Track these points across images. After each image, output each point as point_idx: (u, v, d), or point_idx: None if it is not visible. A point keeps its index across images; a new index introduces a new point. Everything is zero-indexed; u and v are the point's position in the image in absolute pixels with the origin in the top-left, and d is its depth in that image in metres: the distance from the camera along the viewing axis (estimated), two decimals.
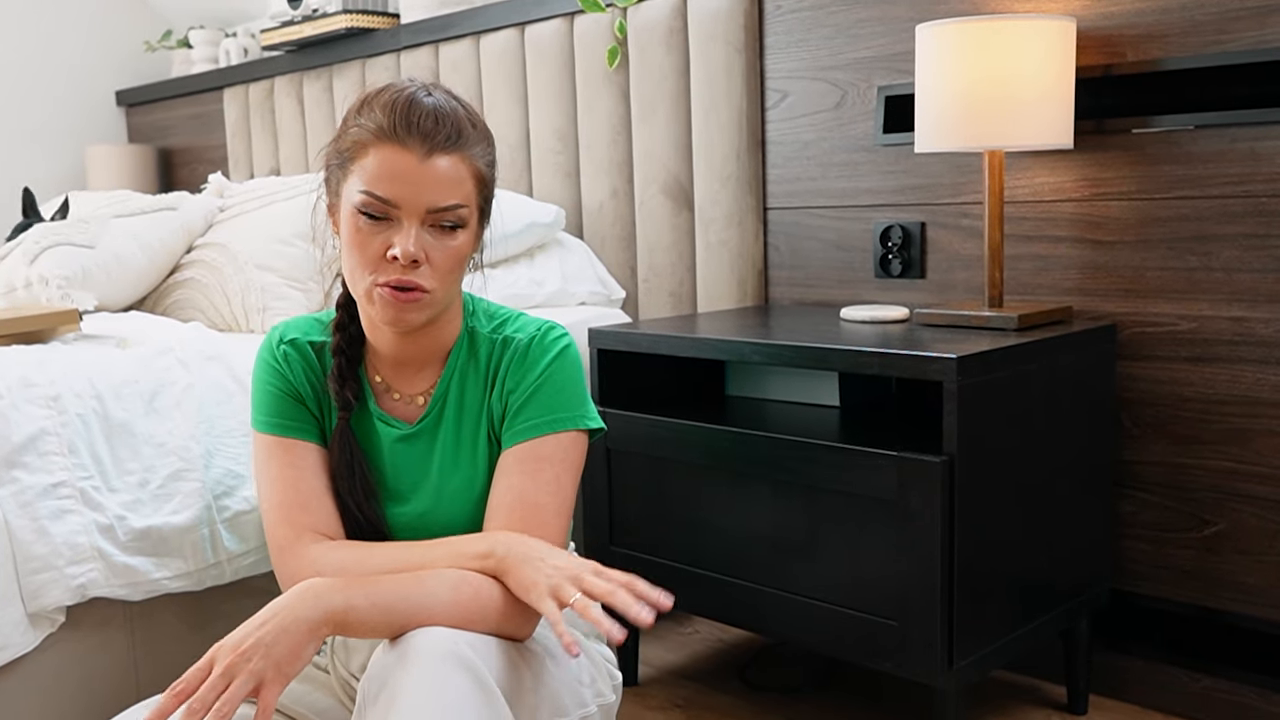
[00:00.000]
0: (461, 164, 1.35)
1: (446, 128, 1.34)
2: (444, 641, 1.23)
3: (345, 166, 1.37)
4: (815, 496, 1.77)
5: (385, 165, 1.32)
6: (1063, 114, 1.87)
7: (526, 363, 1.44)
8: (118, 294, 2.39)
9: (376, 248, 1.34)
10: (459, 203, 1.35)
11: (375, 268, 1.34)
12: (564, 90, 2.84)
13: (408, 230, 1.33)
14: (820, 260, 2.42)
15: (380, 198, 1.32)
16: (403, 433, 1.46)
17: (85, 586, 1.63)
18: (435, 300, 1.38)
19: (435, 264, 1.35)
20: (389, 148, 1.32)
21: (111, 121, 4.59)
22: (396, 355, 1.47)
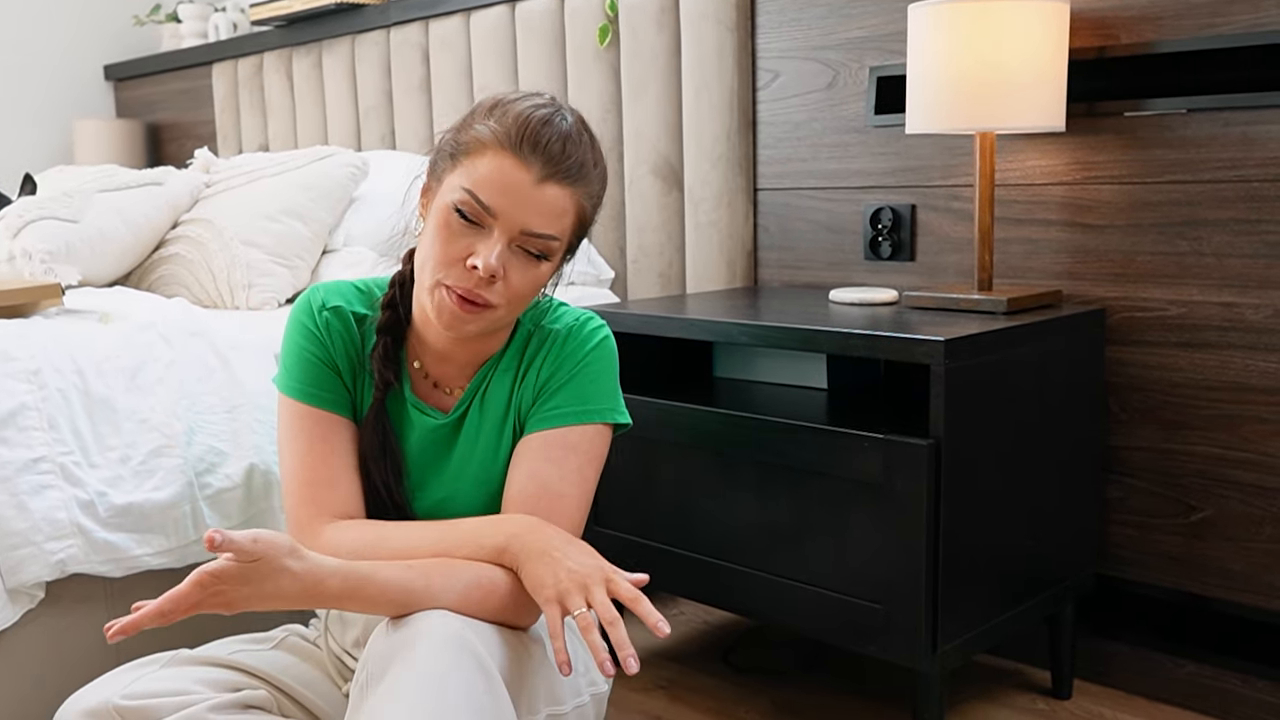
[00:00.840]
0: (570, 198, 1.32)
1: (571, 160, 1.31)
2: (450, 627, 1.22)
3: (457, 158, 1.33)
4: (801, 479, 1.77)
5: (498, 174, 1.29)
6: (1055, 96, 1.86)
7: (564, 352, 1.41)
8: (102, 269, 2.37)
9: (459, 250, 1.30)
10: (554, 235, 1.32)
11: (450, 268, 1.31)
12: (554, 68, 2.82)
13: (495, 243, 1.29)
14: (810, 242, 2.41)
15: (482, 203, 1.29)
16: (437, 423, 1.44)
17: (65, 562, 1.62)
18: (497, 319, 1.35)
19: (510, 285, 1.32)
20: (508, 157, 1.29)
21: (99, 96, 4.56)
22: (443, 351, 1.43)
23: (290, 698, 1.43)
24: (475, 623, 1.26)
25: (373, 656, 1.23)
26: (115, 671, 1.38)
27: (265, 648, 1.48)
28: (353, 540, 1.35)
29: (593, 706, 1.48)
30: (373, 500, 1.43)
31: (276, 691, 1.42)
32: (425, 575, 1.27)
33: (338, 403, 1.43)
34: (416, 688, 1.17)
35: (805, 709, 2.02)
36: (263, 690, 1.39)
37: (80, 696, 1.33)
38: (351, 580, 1.23)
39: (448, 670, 1.19)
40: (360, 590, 1.24)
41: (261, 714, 1.37)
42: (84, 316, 1.93)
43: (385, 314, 1.43)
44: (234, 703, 1.34)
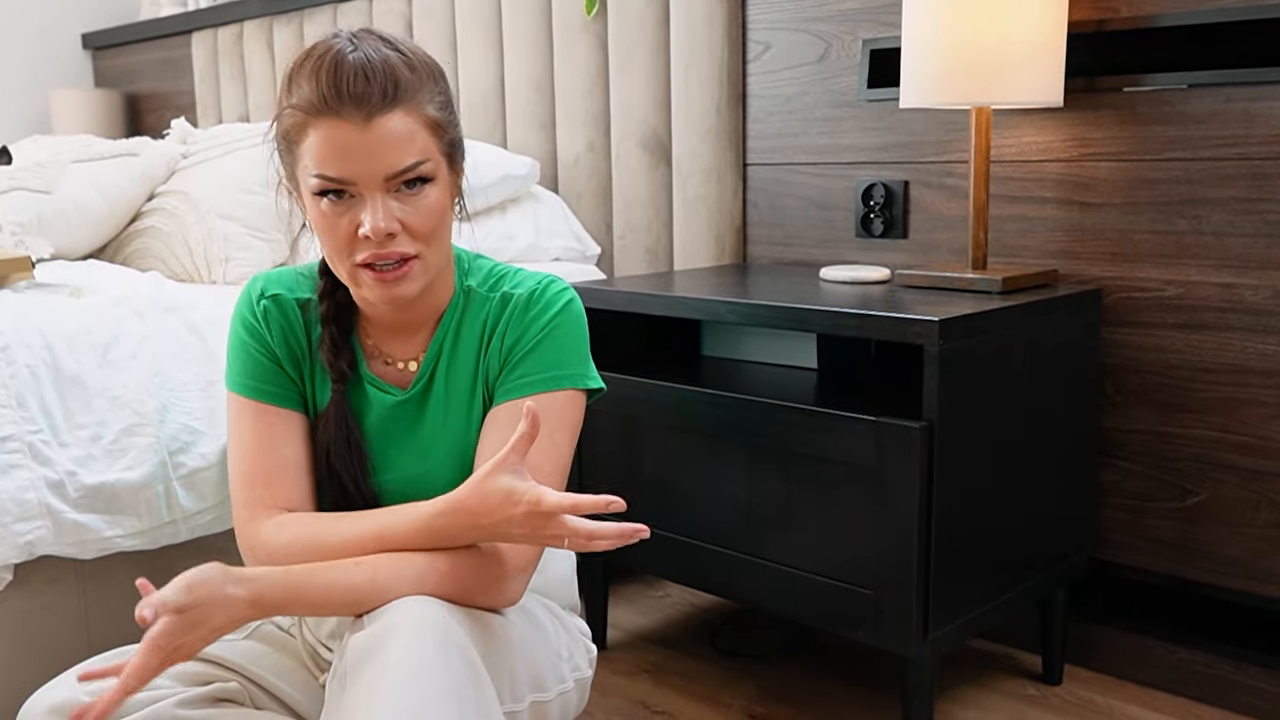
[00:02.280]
0: (408, 118, 1.25)
1: (379, 84, 1.23)
2: (430, 616, 1.18)
3: (292, 151, 1.28)
4: (791, 461, 1.73)
5: (326, 143, 1.22)
6: (1053, 71, 1.81)
7: (528, 317, 1.36)
8: (75, 242, 2.31)
9: (345, 229, 1.25)
10: (417, 159, 1.25)
11: (351, 248, 1.26)
12: (540, 38, 2.77)
13: (372, 203, 1.24)
14: (800, 218, 2.37)
15: (332, 178, 1.23)
16: (397, 399, 1.39)
17: (33, 544, 1.58)
18: (427, 266, 1.29)
19: (413, 228, 1.26)
20: (324, 122, 1.22)
21: (77, 65, 4.48)
22: (390, 322, 1.39)
23: (263, 689, 1.39)
24: (456, 610, 1.23)
25: (351, 647, 1.19)
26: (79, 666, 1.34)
27: (237, 638, 1.44)
28: (290, 539, 1.30)
29: (576, 691, 1.46)
30: (339, 495, 1.38)
31: (248, 683, 1.38)
32: (372, 571, 1.22)
33: (280, 395, 1.39)
34: (397, 679, 1.14)
35: (792, 694, 1.99)
36: (234, 682, 1.35)
37: (44, 693, 1.29)
38: (290, 589, 1.20)
39: (429, 660, 1.15)
40: (301, 595, 1.20)
41: (233, 707, 1.33)
42: (55, 290, 1.88)
43: (325, 304, 1.38)
44: (204, 696, 1.31)
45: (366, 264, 1.26)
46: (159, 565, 1.75)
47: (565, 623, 1.49)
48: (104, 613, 1.70)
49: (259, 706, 1.38)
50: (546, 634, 1.41)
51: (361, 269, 1.27)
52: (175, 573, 1.75)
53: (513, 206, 2.55)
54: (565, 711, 1.44)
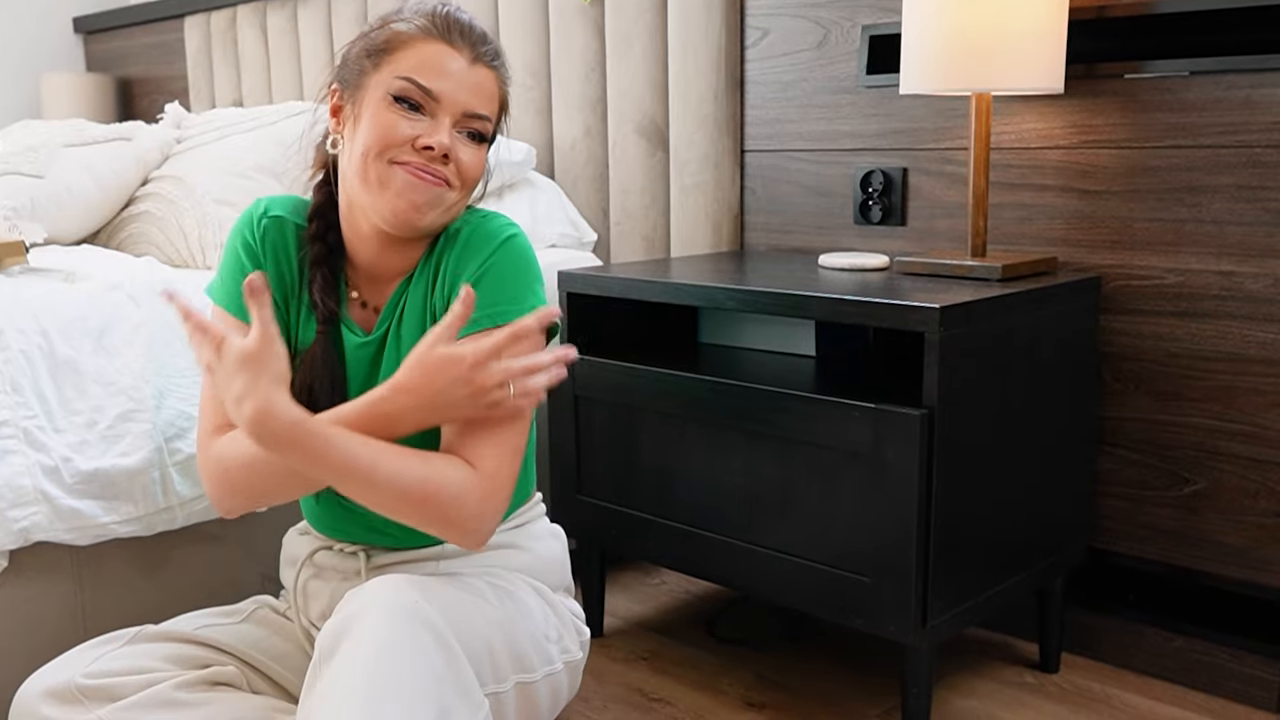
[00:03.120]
0: (494, 81, 1.38)
1: (490, 44, 1.38)
2: (404, 598, 1.18)
3: (378, 59, 1.34)
4: (789, 448, 1.72)
5: (434, 59, 1.32)
6: (1053, 57, 1.81)
7: (468, 250, 1.38)
8: (68, 226, 2.30)
9: (405, 133, 1.32)
10: (489, 115, 1.37)
11: (399, 149, 1.32)
12: (537, 23, 2.75)
13: (442, 124, 1.33)
14: (798, 205, 2.36)
15: (424, 87, 1.32)
16: (360, 340, 1.41)
17: (28, 530, 1.57)
18: (449, 203, 1.36)
19: (462, 168, 1.35)
20: (438, 44, 1.33)
21: (69, 49, 4.45)
22: (373, 265, 1.42)
23: (260, 672, 1.39)
24: (429, 590, 1.23)
25: (328, 631, 1.19)
26: (78, 649, 1.33)
27: (234, 621, 1.44)
28: (244, 449, 1.30)
29: (566, 674, 1.45)
30: None
31: (245, 666, 1.37)
32: (374, 457, 1.23)
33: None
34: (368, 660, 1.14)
35: (790, 682, 1.99)
36: (231, 666, 1.35)
37: (41, 676, 1.29)
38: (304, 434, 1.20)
39: (399, 641, 1.15)
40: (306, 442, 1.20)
41: (230, 690, 1.33)
42: (49, 275, 1.87)
43: (315, 247, 1.42)
44: (200, 680, 1.30)
45: (405, 163, 1.32)
46: (155, 552, 1.74)
47: (555, 604, 1.49)
48: (99, 598, 1.69)
49: (256, 690, 1.38)
50: (532, 615, 1.41)
51: (397, 166, 1.32)
52: (171, 560, 1.75)
53: (509, 192, 2.54)
54: (555, 693, 1.44)
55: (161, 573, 1.75)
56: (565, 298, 2.05)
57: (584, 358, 1.97)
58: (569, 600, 1.54)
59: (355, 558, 1.46)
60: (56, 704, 1.26)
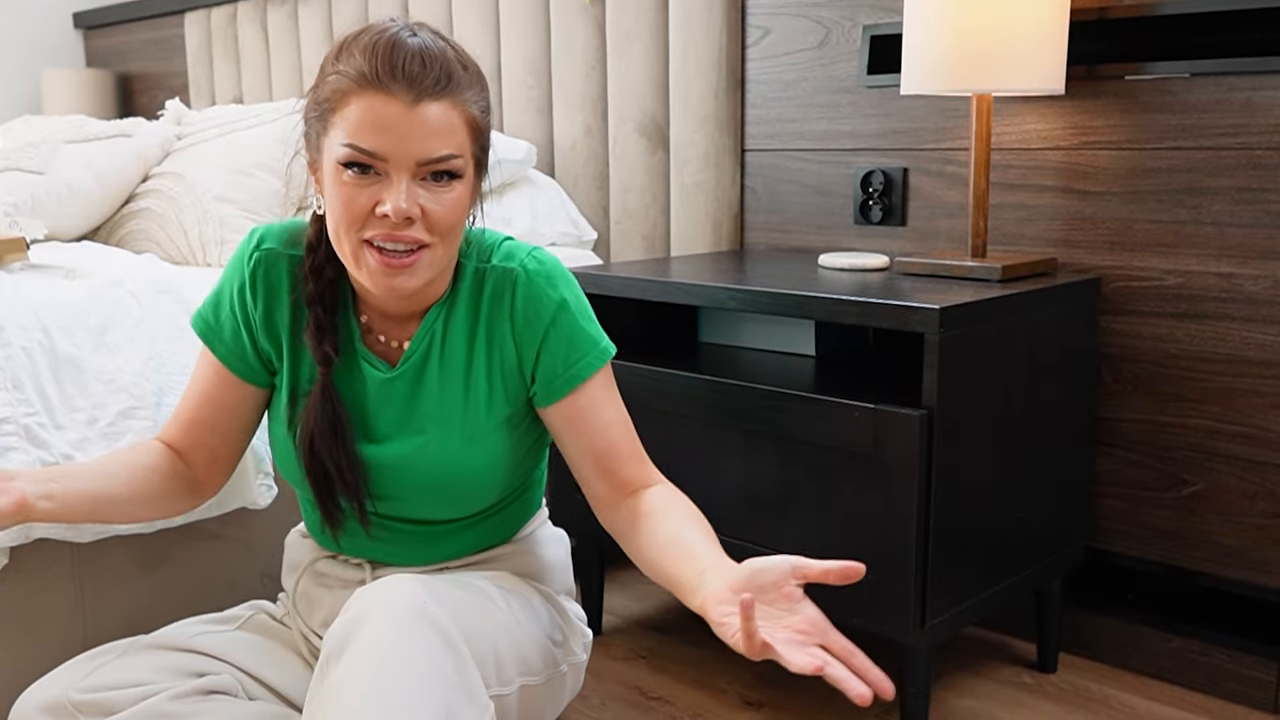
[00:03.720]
0: (453, 110, 1.24)
1: (435, 71, 1.23)
2: (412, 599, 1.18)
3: (325, 119, 1.25)
4: (789, 448, 1.73)
5: (369, 115, 1.21)
6: (1054, 58, 1.81)
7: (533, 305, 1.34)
8: (69, 223, 2.30)
9: (363, 204, 1.23)
10: (452, 153, 1.24)
11: (363, 224, 1.24)
12: (538, 20, 2.75)
13: (398, 185, 1.22)
14: (798, 205, 2.36)
15: (365, 150, 1.21)
16: (385, 376, 1.37)
17: (29, 527, 1.57)
18: (434, 259, 1.27)
19: (433, 220, 1.24)
20: (372, 95, 1.21)
21: (68, 45, 4.45)
22: (384, 304, 1.36)
23: (257, 680, 1.38)
24: (438, 591, 1.22)
25: (334, 633, 1.18)
26: (71, 662, 1.33)
27: (229, 629, 1.43)
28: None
29: (570, 676, 1.45)
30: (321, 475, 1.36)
31: (242, 674, 1.37)
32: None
33: (228, 353, 1.40)
34: (375, 663, 1.13)
35: (787, 680, 1.99)
36: (226, 674, 1.34)
37: (36, 690, 1.28)
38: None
39: (406, 641, 1.15)
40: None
41: (226, 699, 1.32)
42: (50, 272, 1.87)
43: (310, 284, 1.35)
44: (196, 689, 1.30)
45: (373, 244, 1.24)
46: (155, 548, 1.74)
47: (560, 607, 1.49)
48: (100, 595, 1.69)
49: (252, 697, 1.38)
50: (537, 618, 1.41)
51: (367, 248, 1.25)
52: (171, 557, 1.76)
53: (509, 191, 2.54)
54: (558, 696, 1.44)
55: (161, 570, 1.75)
56: None
57: None
58: (571, 603, 1.54)
59: (360, 568, 1.45)
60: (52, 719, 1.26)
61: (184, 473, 1.43)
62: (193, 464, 1.43)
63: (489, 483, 1.39)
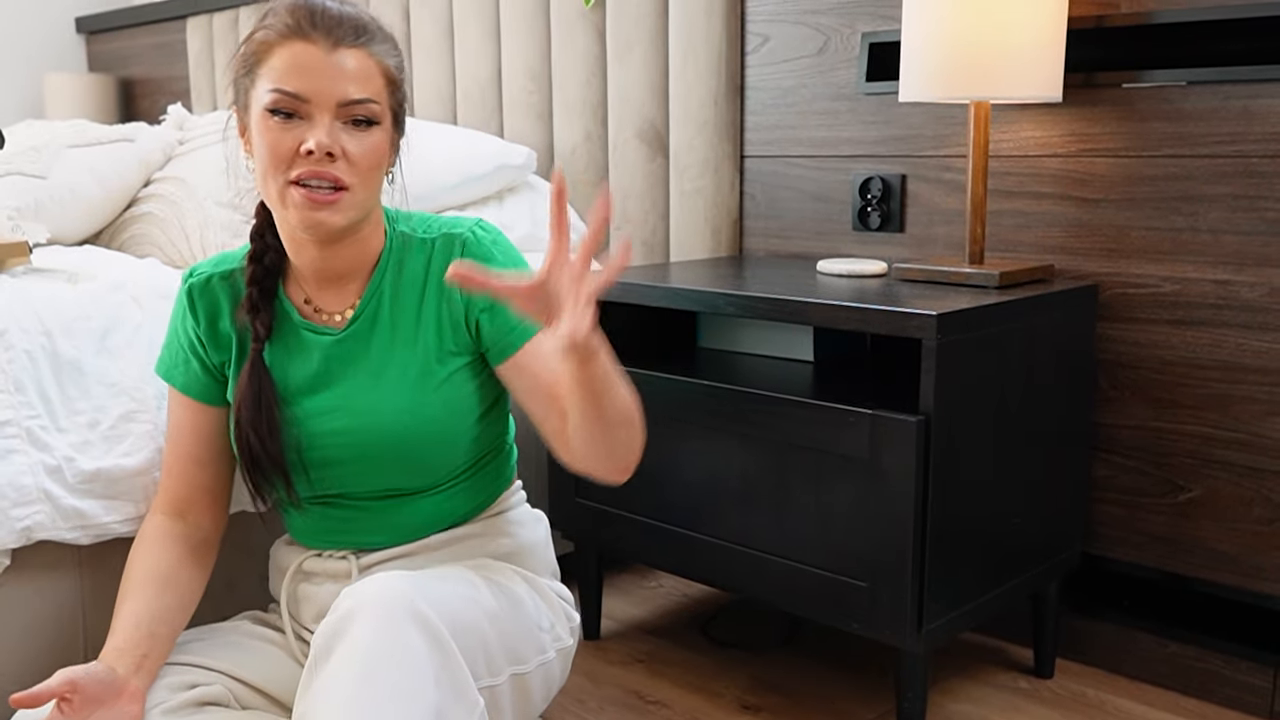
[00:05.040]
0: (369, 59, 1.34)
1: (350, 23, 1.33)
2: (398, 597, 1.19)
3: (253, 73, 1.34)
4: (786, 452, 1.73)
5: (293, 60, 1.31)
6: (1052, 66, 1.82)
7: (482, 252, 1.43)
8: (71, 227, 2.31)
9: (289, 144, 1.31)
10: (370, 97, 1.33)
11: (289, 164, 1.31)
12: (538, 28, 2.76)
13: (320, 123, 1.31)
14: (797, 211, 2.37)
15: (289, 93, 1.30)
16: (334, 337, 1.44)
17: (31, 529, 1.58)
18: (355, 201, 1.34)
19: (352, 159, 1.33)
20: (295, 43, 1.31)
21: (71, 49, 4.47)
22: (321, 271, 1.43)
23: (250, 686, 1.39)
24: (424, 586, 1.23)
25: (322, 632, 1.20)
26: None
27: (219, 638, 1.44)
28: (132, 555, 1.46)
29: (558, 662, 1.46)
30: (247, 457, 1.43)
31: (234, 682, 1.37)
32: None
33: (190, 385, 1.48)
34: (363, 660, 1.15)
35: (785, 685, 2.00)
36: (218, 685, 1.35)
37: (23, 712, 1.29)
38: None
39: (393, 641, 1.16)
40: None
41: (218, 709, 1.33)
42: (52, 276, 1.87)
43: (251, 267, 1.44)
44: (187, 702, 1.30)
45: (299, 182, 1.31)
46: None
47: (543, 591, 1.50)
48: (101, 597, 1.70)
49: (245, 705, 1.38)
50: (523, 605, 1.42)
51: (292, 187, 1.32)
52: None
53: (509, 196, 2.55)
54: (548, 682, 1.45)
55: None
56: None
57: None
58: (555, 584, 1.55)
59: (345, 561, 1.47)
60: None
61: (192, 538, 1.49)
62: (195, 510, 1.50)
63: (447, 438, 1.43)
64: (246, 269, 1.44)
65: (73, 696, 1.20)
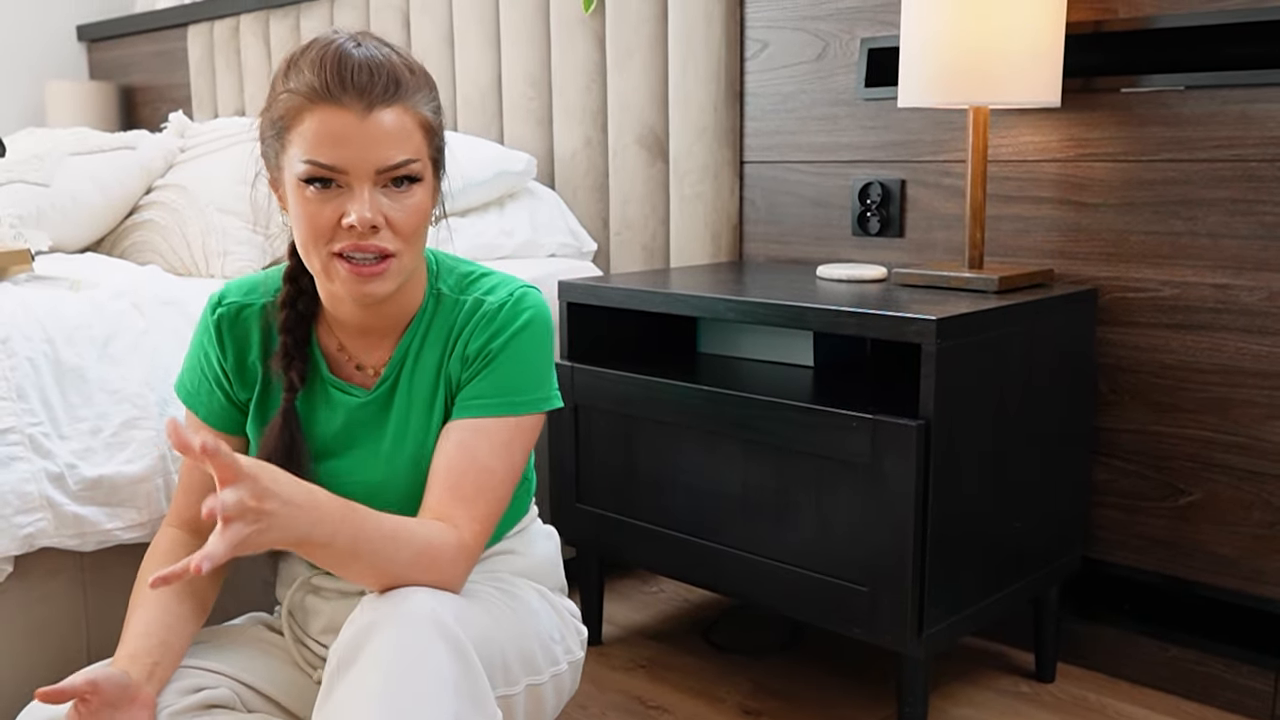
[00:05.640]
0: (405, 115, 1.26)
1: (383, 79, 1.25)
2: (420, 608, 1.19)
3: (282, 137, 1.28)
4: (787, 457, 1.74)
5: (324, 129, 1.23)
6: (1051, 71, 1.82)
7: (493, 327, 1.37)
8: (73, 234, 2.32)
9: (328, 217, 1.25)
10: (410, 158, 1.27)
11: (330, 237, 1.26)
12: (538, 34, 2.77)
13: (360, 195, 1.24)
14: (797, 216, 2.38)
15: (324, 165, 1.23)
16: (360, 400, 1.40)
17: (33, 536, 1.58)
18: (402, 266, 1.30)
19: (396, 226, 1.27)
20: (325, 109, 1.23)
21: (72, 57, 4.47)
22: (360, 326, 1.40)
23: (255, 691, 1.39)
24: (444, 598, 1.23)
25: (343, 643, 1.19)
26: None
27: (224, 642, 1.44)
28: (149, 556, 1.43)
29: (570, 673, 1.47)
30: None
31: (241, 686, 1.38)
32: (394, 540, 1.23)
33: (210, 414, 1.45)
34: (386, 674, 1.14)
35: (787, 689, 2.00)
36: (223, 688, 1.35)
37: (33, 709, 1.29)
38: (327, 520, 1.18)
39: (414, 650, 1.16)
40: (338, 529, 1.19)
41: (224, 712, 1.33)
42: (54, 283, 1.88)
43: (284, 313, 1.39)
44: (194, 705, 1.30)
45: (342, 255, 1.27)
46: None
47: (555, 604, 1.50)
48: (104, 604, 1.70)
49: (251, 709, 1.38)
50: (538, 617, 1.42)
51: (337, 260, 1.27)
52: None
53: (510, 202, 2.55)
54: (560, 693, 1.45)
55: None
56: (565, 307, 2.06)
57: (584, 367, 1.98)
58: (565, 599, 1.55)
59: None
60: None
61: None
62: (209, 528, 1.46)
63: None
64: (279, 314, 1.39)
65: (92, 697, 1.20)
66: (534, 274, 2.34)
